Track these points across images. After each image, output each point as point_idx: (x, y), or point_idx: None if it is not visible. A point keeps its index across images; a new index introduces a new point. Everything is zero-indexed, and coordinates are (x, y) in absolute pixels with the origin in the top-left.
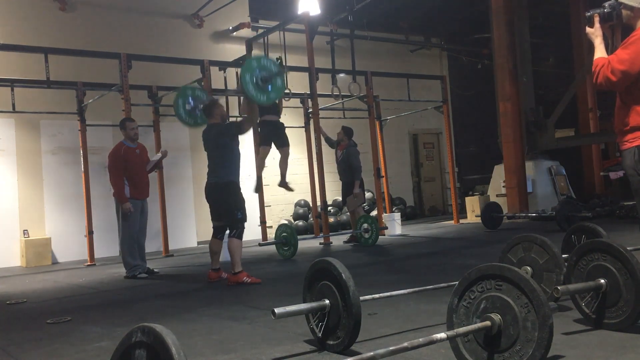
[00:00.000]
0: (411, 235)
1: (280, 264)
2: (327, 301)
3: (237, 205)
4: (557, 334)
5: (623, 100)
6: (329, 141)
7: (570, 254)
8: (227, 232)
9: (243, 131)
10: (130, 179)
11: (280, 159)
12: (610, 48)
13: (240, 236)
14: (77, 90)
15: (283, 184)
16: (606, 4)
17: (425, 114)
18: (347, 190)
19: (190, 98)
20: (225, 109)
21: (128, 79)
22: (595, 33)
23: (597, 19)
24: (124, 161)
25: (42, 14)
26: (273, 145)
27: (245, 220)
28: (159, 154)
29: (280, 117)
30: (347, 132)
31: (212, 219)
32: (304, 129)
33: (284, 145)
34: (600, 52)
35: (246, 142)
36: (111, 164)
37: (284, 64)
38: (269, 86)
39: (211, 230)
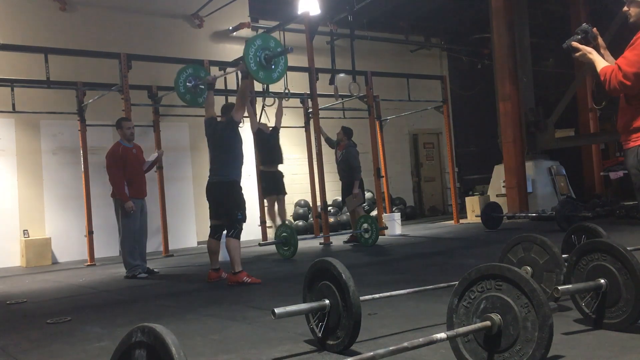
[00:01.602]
0: (411, 235)
1: (280, 264)
2: (327, 301)
3: (238, 206)
4: (557, 334)
5: (628, 101)
6: (329, 141)
7: (570, 254)
8: (225, 232)
9: (236, 110)
10: (129, 179)
11: (278, 208)
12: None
13: (238, 236)
14: (77, 90)
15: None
16: (578, 30)
17: (425, 114)
18: (346, 190)
19: (192, 76)
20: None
21: (128, 79)
22: (585, 51)
23: (577, 44)
24: (122, 160)
25: (42, 14)
26: None
27: (245, 221)
28: (155, 154)
29: (281, 163)
30: (346, 132)
31: (210, 218)
32: (304, 129)
33: (279, 194)
34: (601, 62)
35: (246, 141)
36: (110, 163)
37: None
38: (272, 65)
39: (208, 230)
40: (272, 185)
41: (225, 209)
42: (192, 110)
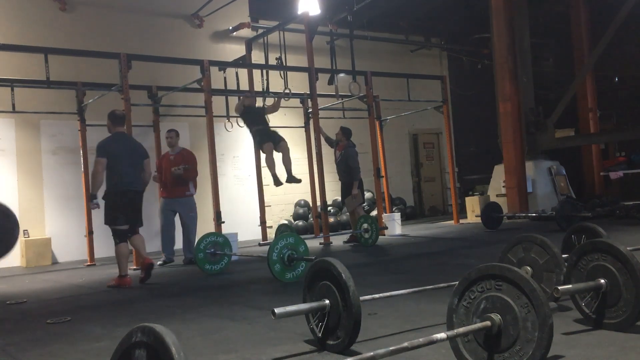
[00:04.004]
0: (411, 235)
1: None
2: (327, 301)
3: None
4: (557, 334)
5: None
6: (329, 141)
7: (570, 254)
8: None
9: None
10: (164, 181)
11: (282, 155)
12: None
13: None
14: (77, 90)
15: (290, 179)
16: None
17: (425, 114)
18: (346, 190)
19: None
20: None
21: (128, 79)
22: None
23: None
24: (159, 164)
25: (42, 14)
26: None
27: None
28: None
29: (267, 124)
30: (345, 132)
31: (121, 224)
32: (304, 129)
33: (280, 141)
34: None
35: (246, 142)
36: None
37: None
38: (292, 267)
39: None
40: (265, 135)
41: (140, 214)
42: (192, 110)
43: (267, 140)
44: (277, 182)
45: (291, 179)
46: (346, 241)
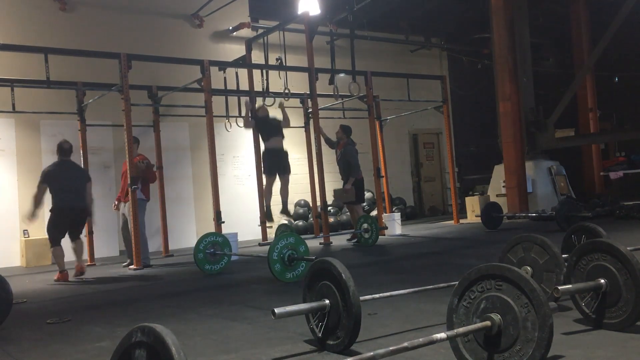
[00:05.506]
0: (411, 235)
1: None
2: (327, 301)
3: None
4: (557, 334)
5: None
6: (328, 142)
7: (570, 254)
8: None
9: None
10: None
11: (281, 186)
12: None
13: None
14: (77, 90)
15: (284, 211)
16: None
17: (425, 114)
18: None
19: (210, 245)
20: None
21: (128, 79)
22: None
23: None
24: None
25: (42, 14)
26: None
27: None
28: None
29: (283, 139)
30: (345, 130)
31: (62, 232)
32: (304, 129)
33: (285, 173)
34: None
35: (246, 142)
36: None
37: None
38: (292, 267)
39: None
40: (275, 163)
41: (80, 227)
42: (192, 110)
43: (274, 173)
44: (269, 216)
45: (285, 211)
46: (349, 239)
